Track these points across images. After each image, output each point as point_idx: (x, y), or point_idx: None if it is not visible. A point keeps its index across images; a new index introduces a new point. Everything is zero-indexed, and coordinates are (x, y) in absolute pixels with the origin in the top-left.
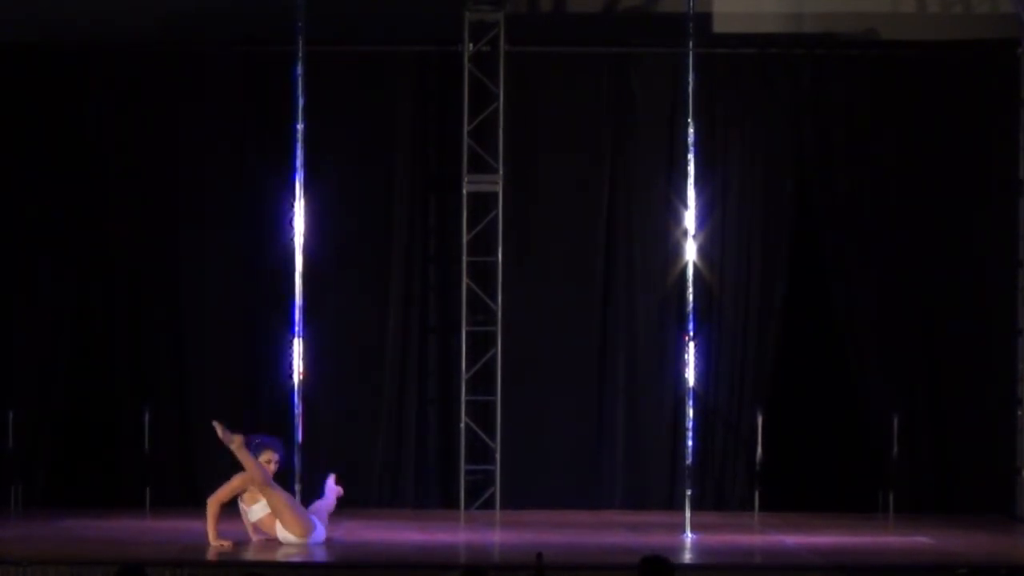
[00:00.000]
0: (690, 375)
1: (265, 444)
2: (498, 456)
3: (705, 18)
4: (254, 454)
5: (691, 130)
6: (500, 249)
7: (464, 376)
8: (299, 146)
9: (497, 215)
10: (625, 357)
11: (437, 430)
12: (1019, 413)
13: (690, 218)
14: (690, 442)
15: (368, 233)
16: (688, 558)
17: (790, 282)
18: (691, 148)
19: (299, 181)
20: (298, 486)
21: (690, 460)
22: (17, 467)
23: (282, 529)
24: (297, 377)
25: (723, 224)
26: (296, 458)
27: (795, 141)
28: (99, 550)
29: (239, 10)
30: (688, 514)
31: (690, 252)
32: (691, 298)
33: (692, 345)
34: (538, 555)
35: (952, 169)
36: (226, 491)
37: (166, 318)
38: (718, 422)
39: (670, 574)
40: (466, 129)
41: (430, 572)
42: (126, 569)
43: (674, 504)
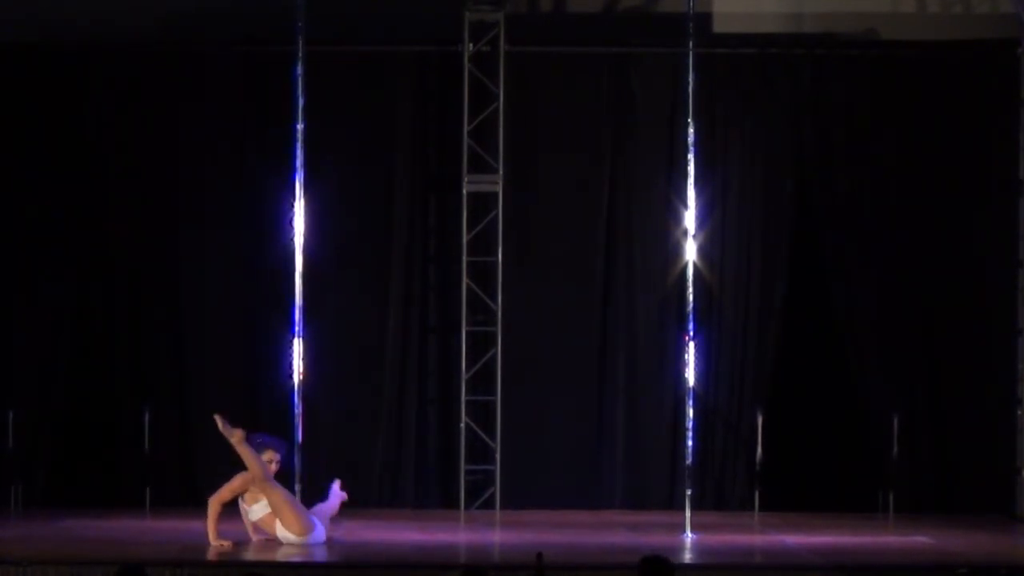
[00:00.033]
0: (690, 375)
1: (267, 443)
2: (498, 456)
3: (705, 18)
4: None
5: (691, 130)
6: (500, 249)
7: (464, 376)
8: (299, 146)
9: (497, 215)
10: (625, 357)
11: (437, 430)
12: (1019, 413)
13: (690, 218)
14: (690, 442)
15: (368, 233)
16: (688, 558)
17: (790, 282)
18: (691, 148)
19: (299, 181)
20: (298, 486)
21: (690, 460)
22: (17, 467)
23: (282, 528)
24: (297, 377)
25: (723, 224)
26: (296, 458)
27: (795, 141)
28: (99, 550)
29: (239, 10)
30: (688, 514)
31: (690, 252)
32: (691, 298)
33: (692, 345)
34: (538, 555)
35: (952, 169)
36: (227, 491)
37: (166, 318)
38: (718, 422)
39: (670, 574)
40: (466, 129)
41: (430, 572)
42: (126, 569)
43: (674, 504)
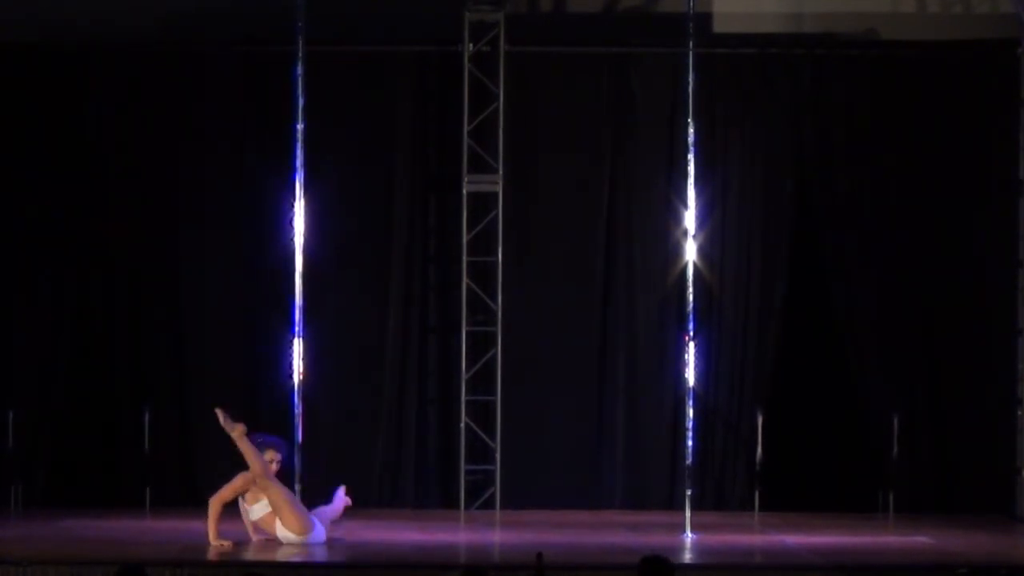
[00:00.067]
0: (690, 375)
1: (268, 443)
2: (498, 456)
3: (705, 18)
4: None
5: (691, 130)
6: (500, 249)
7: (464, 376)
8: (299, 146)
9: (497, 215)
10: (625, 357)
11: (437, 430)
12: (1019, 413)
13: (690, 218)
14: (690, 442)
15: (368, 233)
16: (688, 558)
17: (790, 282)
18: (691, 148)
19: (299, 181)
20: (298, 486)
21: (690, 460)
22: (17, 467)
23: (281, 528)
24: (297, 377)
25: (723, 224)
26: (296, 458)
27: (795, 141)
28: (99, 550)
29: (239, 10)
30: (688, 514)
31: (690, 252)
32: (691, 298)
33: (692, 345)
34: (538, 555)
35: (952, 169)
36: (228, 491)
37: (166, 318)
38: (718, 422)
39: (670, 574)
40: (466, 129)
41: (430, 572)
42: (126, 569)
43: (674, 504)
